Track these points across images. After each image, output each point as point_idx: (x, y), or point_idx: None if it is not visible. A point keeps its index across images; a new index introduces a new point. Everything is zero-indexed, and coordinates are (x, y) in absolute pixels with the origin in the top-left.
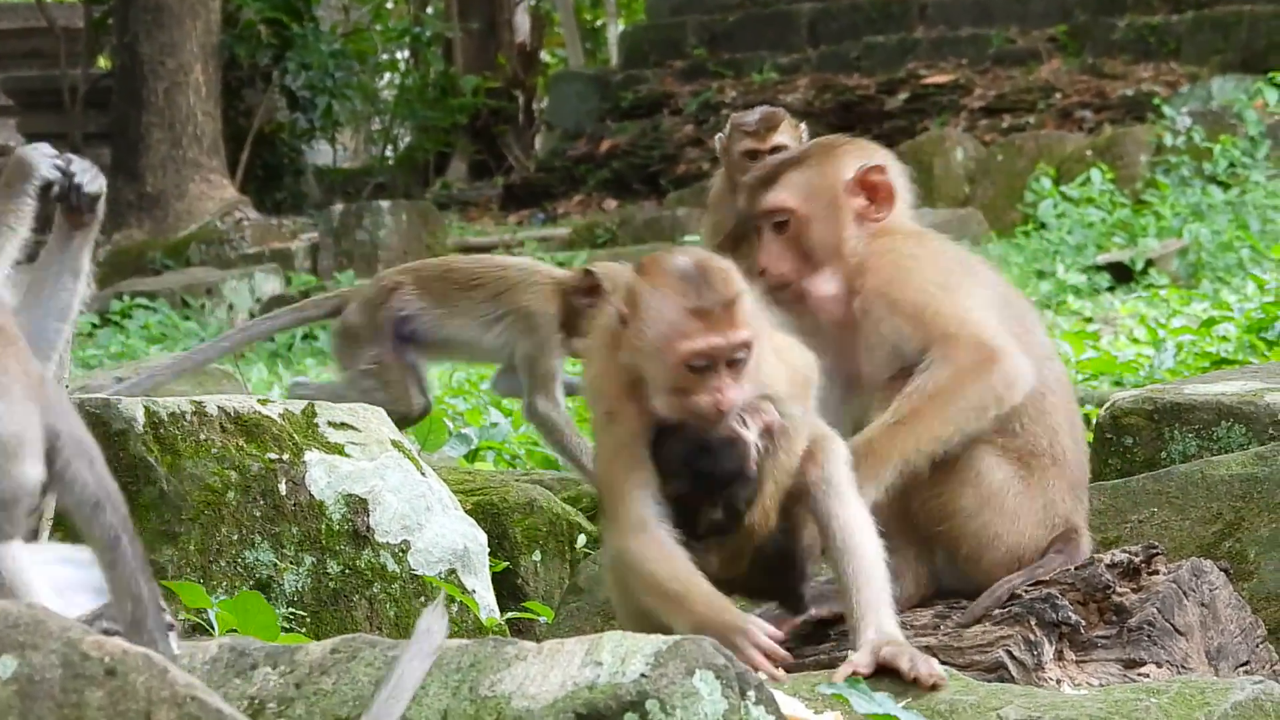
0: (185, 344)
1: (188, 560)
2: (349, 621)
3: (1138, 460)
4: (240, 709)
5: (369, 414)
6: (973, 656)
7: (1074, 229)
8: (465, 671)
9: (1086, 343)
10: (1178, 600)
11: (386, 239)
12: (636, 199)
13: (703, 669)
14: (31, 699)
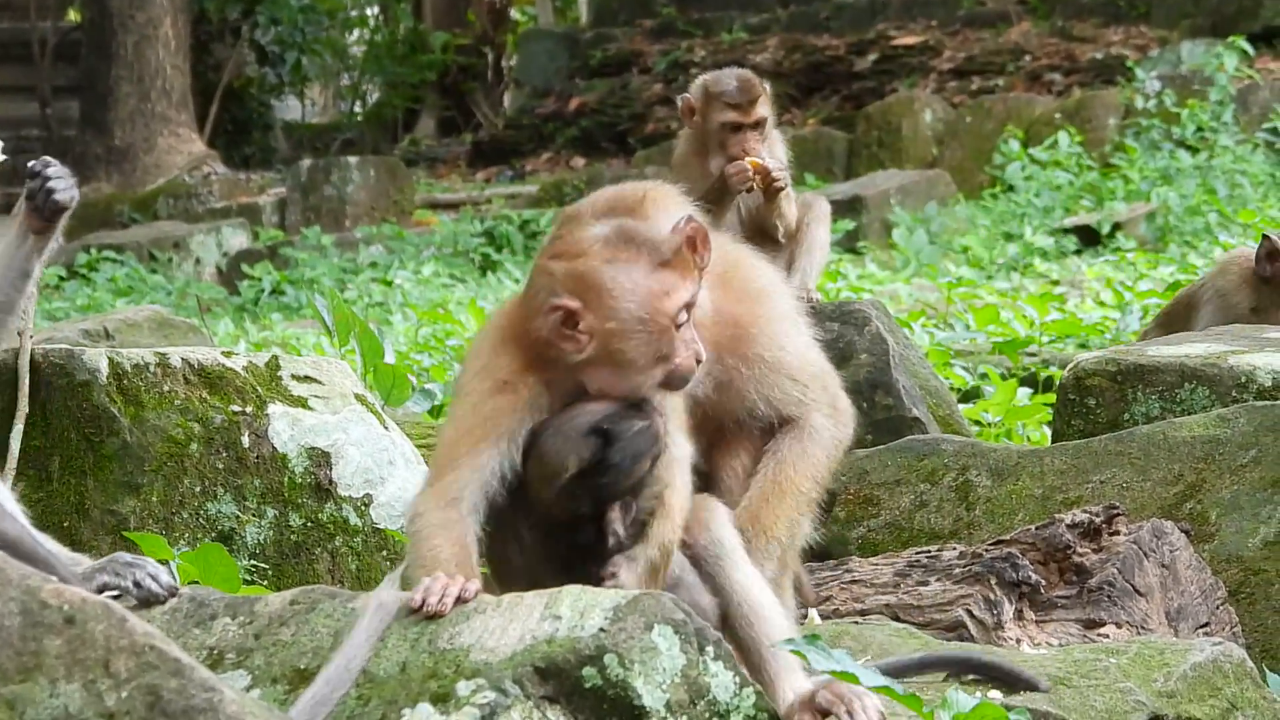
0: (152, 297)
1: (150, 512)
2: (311, 574)
3: (1100, 421)
4: (199, 659)
5: (332, 367)
6: (932, 615)
7: (1042, 192)
8: (423, 624)
9: (1052, 305)
10: (1138, 561)
11: (354, 194)
12: (605, 157)
13: (661, 623)
14: None
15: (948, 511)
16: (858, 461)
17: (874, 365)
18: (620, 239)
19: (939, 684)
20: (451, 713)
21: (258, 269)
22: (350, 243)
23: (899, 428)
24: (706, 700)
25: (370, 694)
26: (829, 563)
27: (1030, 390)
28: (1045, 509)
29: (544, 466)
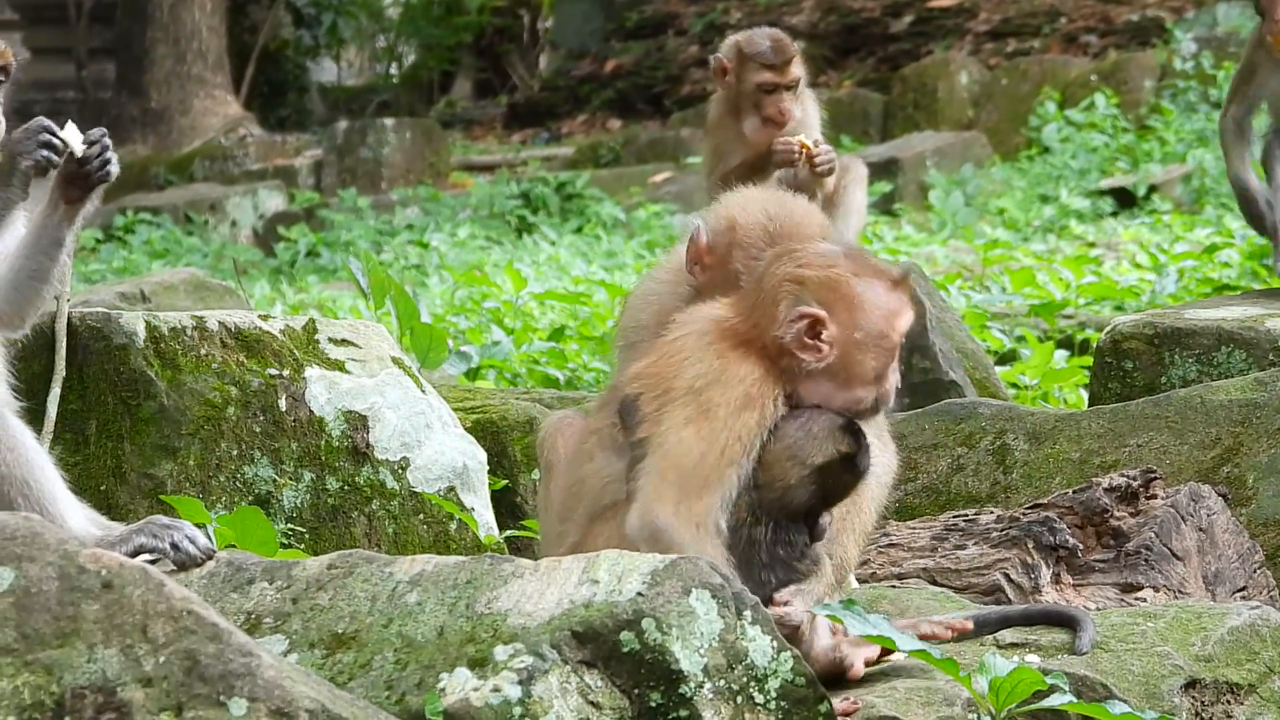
0: (188, 260)
1: (187, 475)
2: (347, 538)
3: (1137, 384)
4: (236, 624)
5: (369, 330)
6: (970, 579)
7: (1078, 154)
8: (462, 588)
9: (1088, 268)
10: (1175, 525)
11: (390, 157)
12: (640, 119)
13: (699, 588)
14: (28, 611)
15: (985, 475)
16: (894, 425)
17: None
18: (861, 257)
19: (975, 649)
20: (489, 677)
21: (294, 231)
22: (386, 205)
23: (936, 391)
24: (744, 664)
25: (407, 658)
26: None
27: (1067, 353)
28: (1082, 473)
29: (799, 450)
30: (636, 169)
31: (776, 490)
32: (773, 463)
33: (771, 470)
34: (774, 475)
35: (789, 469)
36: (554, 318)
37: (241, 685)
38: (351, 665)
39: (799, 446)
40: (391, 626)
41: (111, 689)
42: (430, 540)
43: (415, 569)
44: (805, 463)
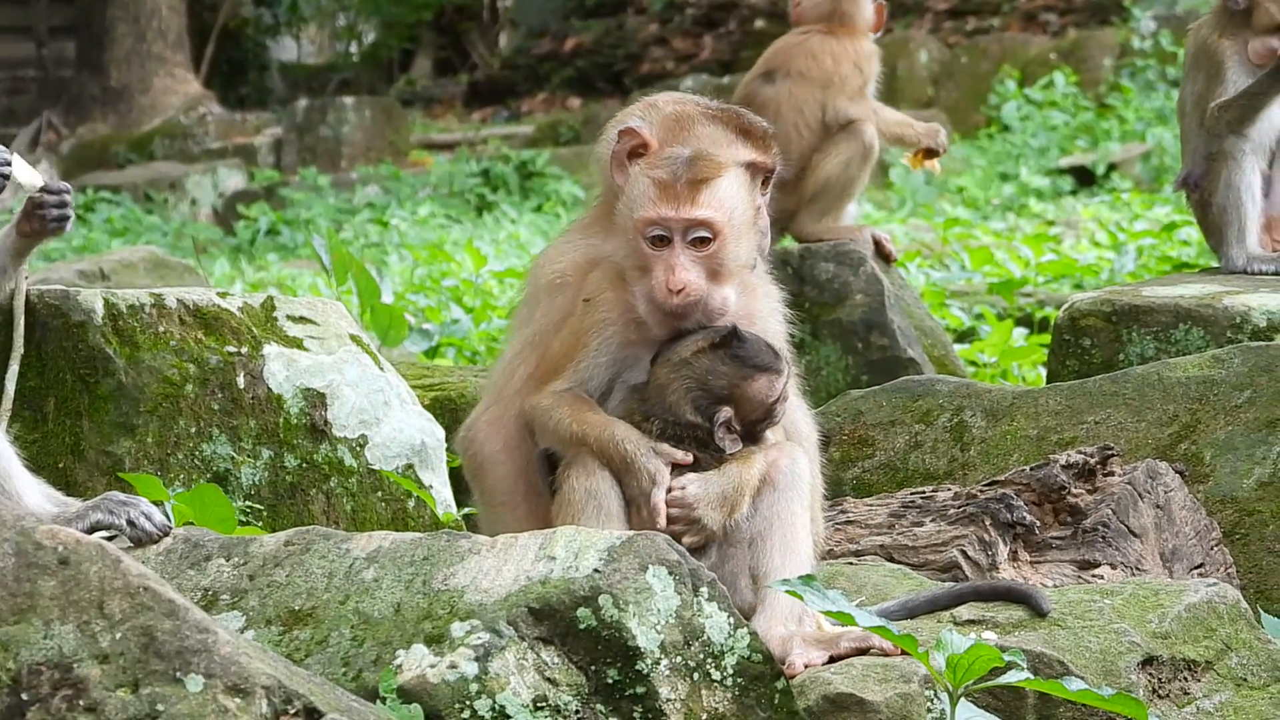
0: (148, 238)
1: (145, 453)
2: (306, 515)
3: (1095, 362)
4: (193, 600)
5: (328, 308)
6: (927, 556)
7: (1037, 132)
8: (419, 565)
9: (1047, 246)
10: (1133, 502)
11: (350, 135)
12: (600, 98)
13: (656, 564)
14: None
15: (942, 452)
16: (852, 402)
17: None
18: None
19: (932, 626)
20: (446, 654)
21: (253, 209)
22: (346, 183)
23: (894, 368)
24: (701, 641)
25: (364, 635)
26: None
27: (1026, 331)
28: (1040, 450)
29: (669, 351)
30: None
31: (654, 394)
32: (652, 373)
33: (651, 380)
34: (652, 383)
35: (660, 372)
36: (513, 296)
37: (198, 662)
38: (308, 642)
39: (672, 349)
40: (348, 603)
41: (68, 665)
42: (388, 518)
43: (372, 545)
44: (673, 360)
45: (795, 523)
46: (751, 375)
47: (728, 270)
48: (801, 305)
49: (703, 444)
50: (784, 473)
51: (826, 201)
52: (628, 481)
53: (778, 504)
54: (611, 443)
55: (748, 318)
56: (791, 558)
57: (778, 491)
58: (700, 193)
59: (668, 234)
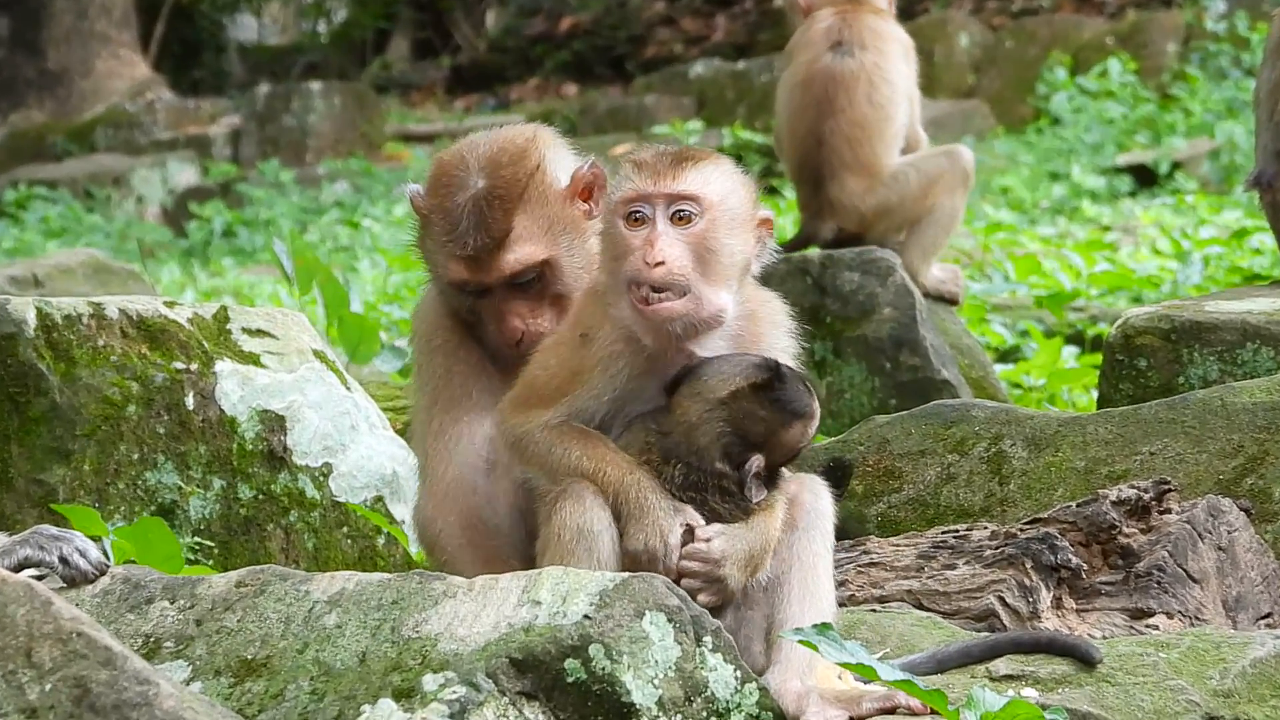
0: (88, 240)
1: (81, 481)
2: (262, 553)
3: (1151, 385)
4: (133, 647)
5: (289, 320)
6: (960, 603)
7: (1091, 126)
8: (387, 609)
9: (1102, 254)
10: (1192, 543)
11: (317, 125)
12: (599, 84)
13: (653, 610)
14: None
15: (978, 486)
16: (877, 429)
17: (898, 320)
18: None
19: (965, 682)
20: (417, 709)
21: (207, 208)
22: (312, 179)
23: (925, 390)
24: (704, 697)
25: (325, 688)
26: (844, 543)
27: (1076, 350)
28: (1088, 483)
29: (703, 386)
30: (594, 140)
31: (680, 432)
32: (675, 405)
33: (674, 413)
34: (677, 417)
35: (690, 407)
36: None
37: (137, 717)
38: (262, 695)
39: (702, 382)
40: (307, 652)
41: None
42: (355, 556)
43: (335, 587)
44: (706, 397)
45: (817, 565)
46: (790, 422)
47: (718, 262)
48: (822, 319)
49: (725, 492)
50: (806, 510)
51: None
52: (634, 531)
53: (798, 545)
54: (635, 489)
55: (752, 340)
56: (812, 605)
57: (798, 531)
58: (685, 168)
59: (647, 210)
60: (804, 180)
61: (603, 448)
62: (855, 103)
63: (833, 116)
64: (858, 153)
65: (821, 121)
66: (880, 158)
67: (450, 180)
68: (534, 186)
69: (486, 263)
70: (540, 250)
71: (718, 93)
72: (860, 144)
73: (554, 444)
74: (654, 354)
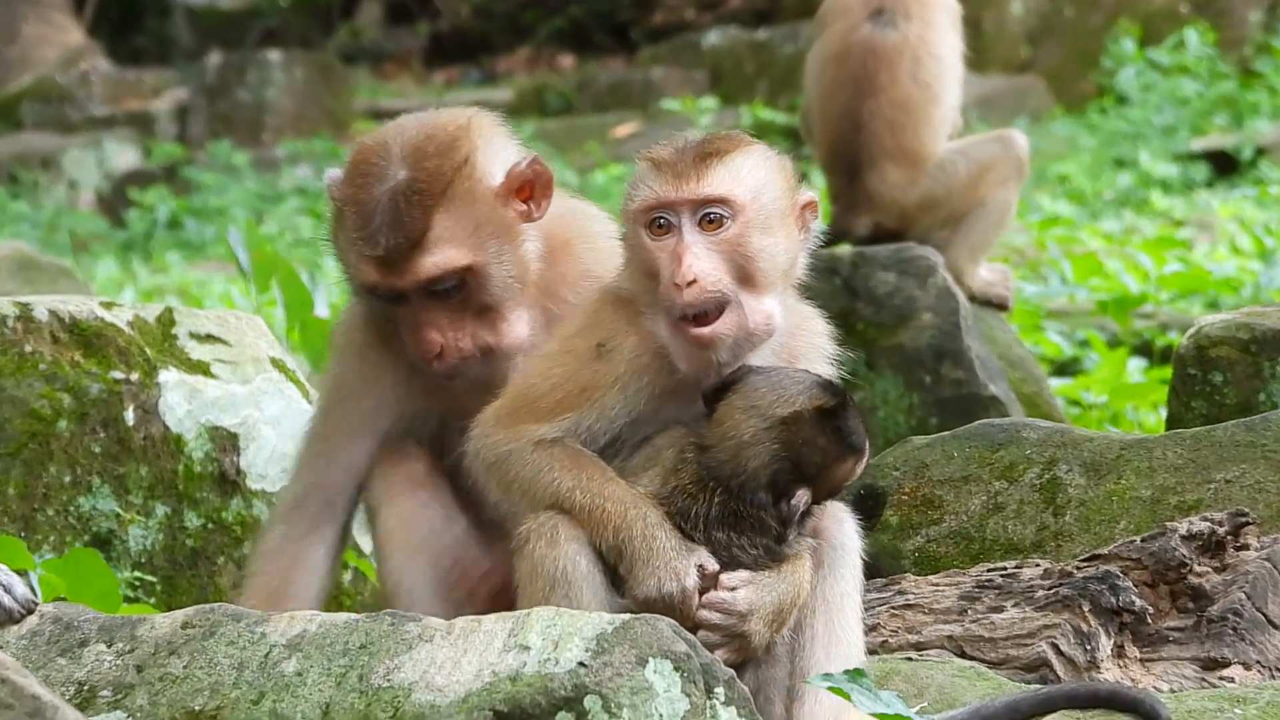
0: (13, 230)
1: (5, 507)
2: (211, 590)
3: (1228, 403)
4: (64, 696)
5: (243, 323)
6: (1008, 650)
7: (1163, 106)
8: (354, 655)
9: (1173, 253)
10: (1272, 584)
11: (276, 100)
12: (599, 55)
13: (658, 657)
14: None
15: (1029, 517)
16: (915, 452)
17: (939, 328)
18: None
19: None
20: None
21: (150, 194)
22: (271, 163)
23: (970, 408)
24: None
25: None
26: (876, 581)
27: (1144, 362)
28: (1154, 515)
29: (759, 400)
30: (594, 119)
31: (728, 449)
32: (724, 417)
33: (722, 425)
34: (724, 431)
35: (742, 422)
36: None
37: None
38: None
39: (759, 396)
40: (263, 703)
41: None
42: None
43: (295, 629)
44: (765, 414)
45: (844, 607)
46: (845, 456)
47: (759, 267)
48: (853, 326)
49: (758, 528)
50: (830, 544)
51: (984, 231)
52: (643, 576)
53: (824, 585)
54: (642, 524)
55: (788, 356)
56: (839, 651)
57: (822, 569)
58: (710, 166)
59: (672, 218)
60: (837, 169)
61: (600, 476)
62: (898, 81)
63: (872, 96)
64: (900, 138)
65: (859, 102)
66: (925, 144)
67: (368, 169)
68: (461, 182)
69: (400, 265)
70: (462, 255)
71: (735, 65)
72: (903, 128)
73: (543, 467)
74: (687, 376)
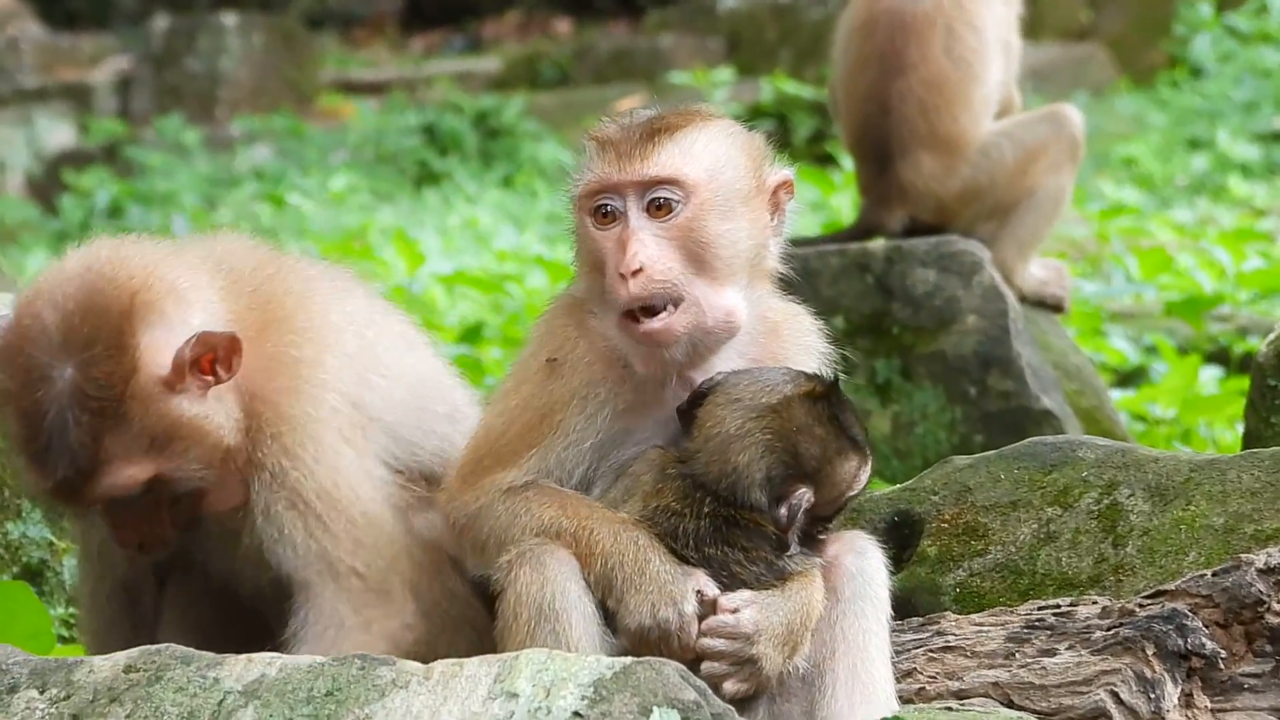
0: None
1: None
2: None
3: None
4: None
5: None
6: (1061, 699)
7: (1242, 78)
8: (319, 702)
9: (1253, 246)
10: None
11: (231, 71)
12: (600, 20)
13: (663, 706)
14: None
15: (1086, 549)
16: (957, 473)
17: (985, 332)
18: (620, 114)
19: None
20: None
21: (87, 177)
22: (224, 141)
23: (1020, 424)
24: None
25: None
26: (912, 621)
27: (1219, 371)
28: (1228, 546)
29: (743, 392)
30: (594, 92)
31: (712, 448)
32: (704, 418)
33: (703, 426)
34: (706, 431)
35: (726, 416)
36: (468, 310)
37: None
38: None
39: (741, 389)
40: None
41: None
42: None
43: (252, 674)
44: (749, 405)
45: (869, 647)
46: (845, 450)
47: (717, 258)
48: (887, 330)
49: (755, 536)
50: (849, 575)
51: (1035, 224)
52: (635, 603)
53: (843, 621)
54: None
55: (767, 359)
56: (863, 697)
57: (842, 604)
58: (658, 144)
59: (617, 204)
60: (865, 157)
61: (583, 505)
62: (929, 57)
63: (901, 75)
64: (934, 123)
65: (886, 81)
66: (964, 128)
67: (29, 363)
68: (131, 391)
69: (76, 491)
70: (142, 470)
71: (754, 32)
72: (937, 111)
73: (518, 512)
74: (644, 382)
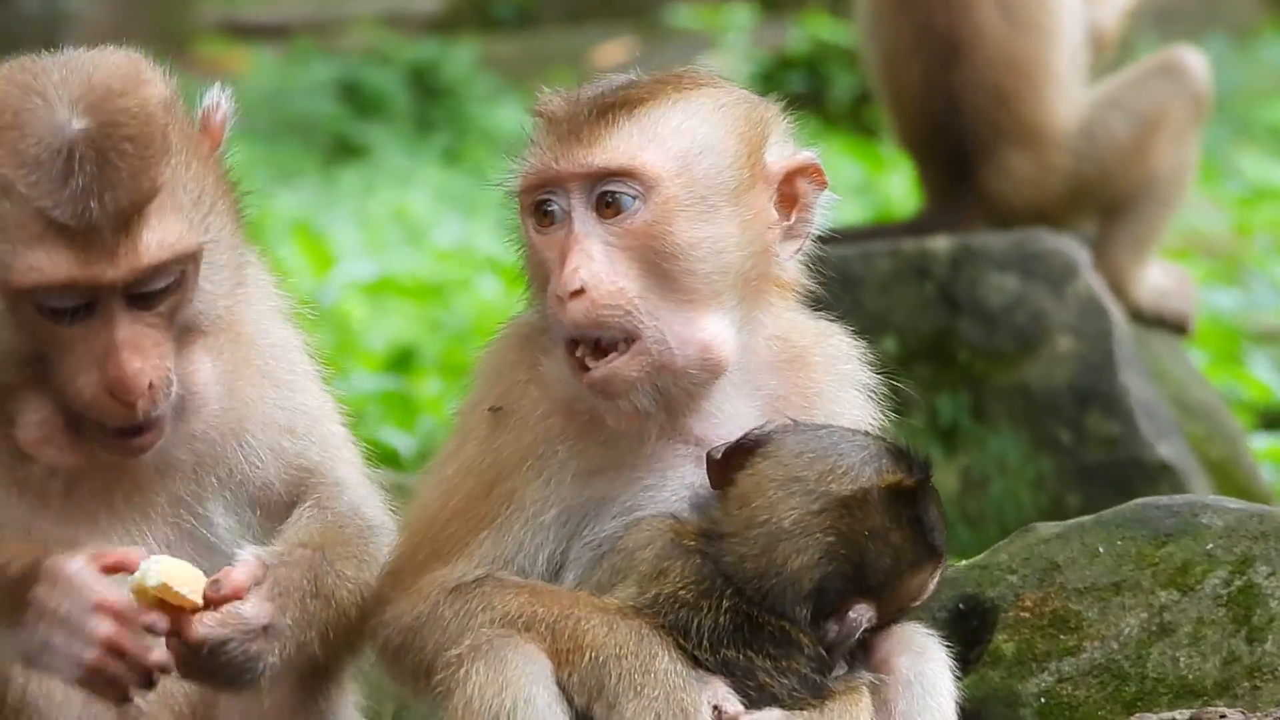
0: None
1: None
2: None
3: None
4: None
5: None
6: None
7: None
8: None
9: None
10: None
11: (81, 10)
12: None
13: None
14: None
15: (1213, 644)
16: (1041, 546)
17: (1083, 357)
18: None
19: None
20: None
21: None
22: None
23: (1127, 479)
24: None
25: None
26: None
27: None
28: None
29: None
30: (565, 37)
31: (757, 540)
32: (750, 494)
33: (748, 505)
34: (752, 513)
35: (780, 501)
36: (397, 327)
37: None
38: None
39: (803, 465)
40: None
41: None
42: None
43: None
44: (815, 492)
45: None
46: (923, 561)
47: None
48: (953, 355)
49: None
50: (903, 680)
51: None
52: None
53: None
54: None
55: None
56: None
57: (895, 717)
58: (612, 124)
59: (560, 201)
60: (933, 160)
61: (562, 592)
62: (985, 29)
63: (959, 60)
64: (1016, 110)
65: (944, 71)
66: (1054, 108)
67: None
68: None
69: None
70: (191, 234)
71: None
72: (1018, 96)
73: (473, 611)
74: (616, 436)
